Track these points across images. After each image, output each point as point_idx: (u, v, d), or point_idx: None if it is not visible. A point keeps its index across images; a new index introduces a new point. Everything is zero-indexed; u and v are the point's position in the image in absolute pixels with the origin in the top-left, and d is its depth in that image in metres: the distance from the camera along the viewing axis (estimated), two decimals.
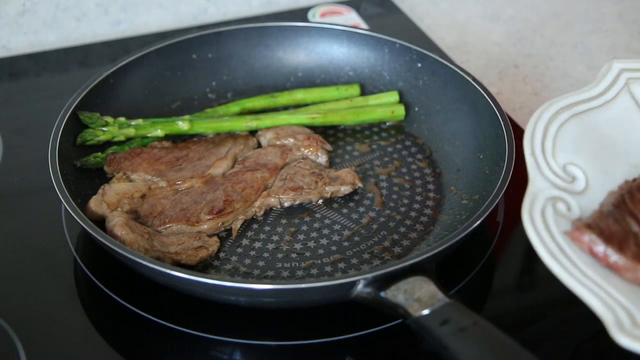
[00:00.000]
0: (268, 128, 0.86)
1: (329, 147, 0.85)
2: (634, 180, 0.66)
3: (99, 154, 0.81)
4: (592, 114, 0.69)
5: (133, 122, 0.84)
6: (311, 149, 0.83)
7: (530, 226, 0.60)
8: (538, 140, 0.66)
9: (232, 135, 0.86)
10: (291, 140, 0.85)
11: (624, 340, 0.54)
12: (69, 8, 1.06)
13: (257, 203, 0.78)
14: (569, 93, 0.70)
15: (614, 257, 0.60)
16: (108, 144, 0.83)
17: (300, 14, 1.11)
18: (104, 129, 0.82)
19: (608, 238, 0.60)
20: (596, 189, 0.65)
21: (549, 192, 0.63)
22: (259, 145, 0.86)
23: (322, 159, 0.84)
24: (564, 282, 0.58)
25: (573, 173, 0.65)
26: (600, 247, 0.60)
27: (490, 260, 0.76)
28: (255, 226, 0.78)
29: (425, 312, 0.61)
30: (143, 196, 0.78)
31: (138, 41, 1.06)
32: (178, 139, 0.86)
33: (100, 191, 0.77)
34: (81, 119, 0.82)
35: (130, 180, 0.80)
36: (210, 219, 0.75)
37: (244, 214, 0.78)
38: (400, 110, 0.89)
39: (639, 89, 0.71)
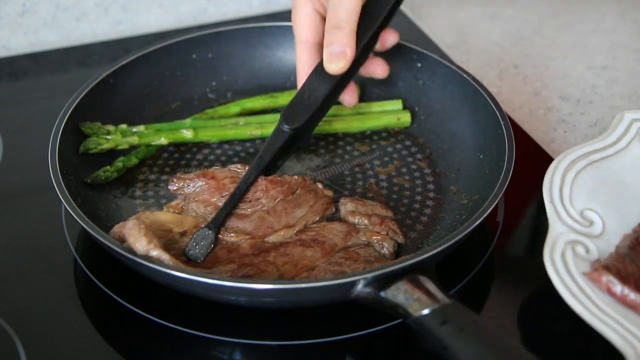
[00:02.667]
0: (351, 198, 0.79)
1: (400, 238, 0.75)
2: None
3: (108, 167, 0.80)
4: (606, 162, 0.74)
5: (134, 129, 0.84)
6: (379, 237, 0.74)
7: (552, 268, 0.64)
8: (556, 188, 0.70)
9: (314, 192, 0.78)
10: (365, 221, 0.76)
11: None
12: (69, 8, 1.06)
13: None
14: (584, 143, 0.75)
15: (632, 296, 0.63)
16: (112, 152, 0.83)
17: None
18: (107, 137, 0.82)
19: (625, 278, 0.64)
20: (613, 232, 0.69)
21: (568, 236, 0.67)
22: (335, 213, 0.78)
23: (387, 250, 0.74)
24: (585, 319, 0.62)
25: (590, 218, 0.69)
26: (618, 287, 0.64)
27: (490, 260, 0.76)
28: None
29: (425, 312, 0.61)
30: (184, 233, 0.72)
31: (138, 41, 1.06)
32: (183, 146, 0.86)
33: (135, 221, 0.68)
34: (83, 130, 0.82)
35: (182, 211, 0.75)
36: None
37: None
38: (406, 117, 0.89)
39: None
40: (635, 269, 0.65)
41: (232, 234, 0.73)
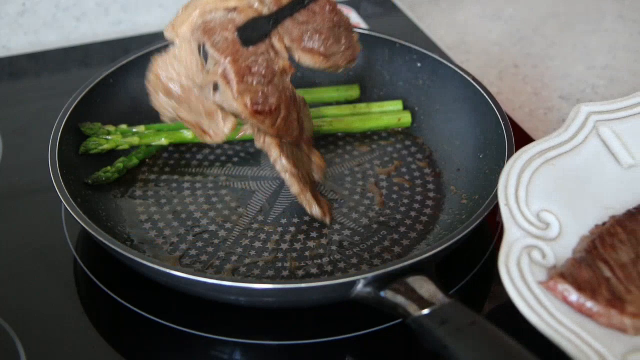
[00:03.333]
0: None
1: None
2: (604, 224, 0.68)
3: (109, 168, 0.80)
4: (563, 159, 0.70)
5: (135, 129, 0.84)
6: None
7: (507, 277, 0.62)
8: (512, 189, 0.67)
9: (352, 41, 0.77)
10: None
11: None
12: (69, 8, 1.06)
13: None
14: (539, 140, 0.71)
15: (588, 304, 0.61)
16: (112, 153, 0.83)
17: None
18: (107, 137, 0.82)
19: (581, 286, 0.62)
20: (570, 234, 0.67)
21: (524, 241, 0.64)
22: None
23: None
24: (541, 331, 0.60)
25: (547, 220, 0.66)
26: (574, 296, 0.62)
27: (490, 260, 0.76)
28: (255, 226, 0.78)
29: (425, 311, 0.61)
30: (234, 9, 0.71)
31: (138, 41, 1.06)
32: (182, 146, 0.86)
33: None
34: (83, 130, 0.82)
35: None
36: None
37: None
38: (406, 118, 0.89)
39: (607, 131, 0.73)
40: (591, 275, 0.63)
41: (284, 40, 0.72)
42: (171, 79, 0.72)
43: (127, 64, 0.88)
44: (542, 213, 0.66)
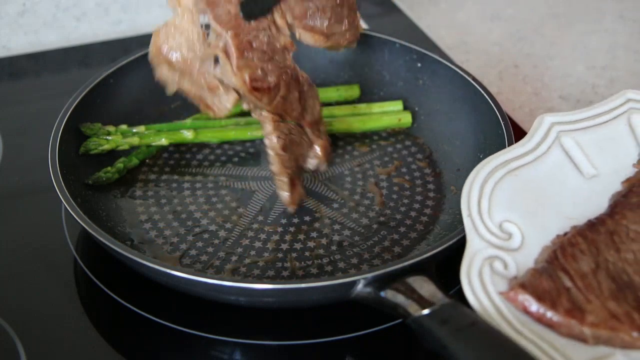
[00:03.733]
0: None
1: None
2: (565, 234, 0.68)
3: (109, 168, 0.80)
4: (525, 170, 0.70)
5: (135, 129, 0.84)
6: None
7: (468, 288, 0.62)
8: (474, 200, 0.67)
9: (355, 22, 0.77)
10: None
11: None
12: (69, 8, 1.06)
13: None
14: (502, 150, 0.71)
15: (548, 314, 0.61)
16: (112, 153, 0.83)
17: None
18: (107, 137, 0.82)
19: (541, 296, 0.62)
20: (532, 245, 0.67)
21: (486, 252, 0.65)
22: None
23: None
24: None
25: (509, 230, 0.67)
26: (534, 306, 0.62)
27: None
28: (255, 226, 0.78)
29: (425, 311, 0.61)
30: None
31: (138, 41, 1.06)
32: (183, 146, 0.86)
33: None
34: (83, 130, 0.82)
35: None
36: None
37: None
38: (407, 118, 0.89)
39: (570, 141, 0.73)
40: (552, 285, 0.63)
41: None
42: (172, 48, 0.71)
43: (127, 64, 0.88)
44: (505, 223, 0.67)
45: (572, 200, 0.70)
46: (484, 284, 0.62)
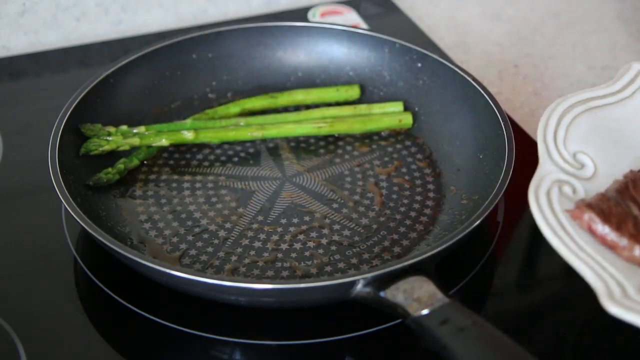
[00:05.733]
0: None
1: None
2: (639, 171, 0.69)
3: (109, 169, 0.80)
4: (606, 110, 0.72)
5: (135, 130, 0.84)
6: None
7: (535, 203, 0.63)
8: (551, 129, 0.69)
9: None
10: None
11: (613, 308, 0.57)
12: (69, 8, 1.06)
13: None
14: (585, 89, 0.73)
15: (612, 235, 0.62)
16: (112, 153, 0.82)
17: (300, 14, 1.11)
18: (108, 138, 0.82)
19: (607, 217, 0.63)
20: (603, 177, 0.68)
21: (556, 175, 0.66)
22: None
23: None
24: (562, 254, 0.60)
25: (582, 161, 0.68)
26: (599, 226, 0.62)
27: (490, 260, 0.76)
28: (255, 226, 0.78)
29: (425, 311, 0.61)
30: None
31: (138, 41, 1.06)
32: (182, 146, 0.86)
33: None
34: (83, 131, 0.82)
35: None
36: None
37: None
38: (407, 119, 0.89)
39: None
40: (619, 210, 0.63)
41: None
42: None
43: (127, 64, 0.88)
44: (579, 154, 0.68)
45: None
46: (551, 202, 0.63)
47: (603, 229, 0.62)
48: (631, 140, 0.71)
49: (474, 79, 0.85)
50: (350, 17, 1.11)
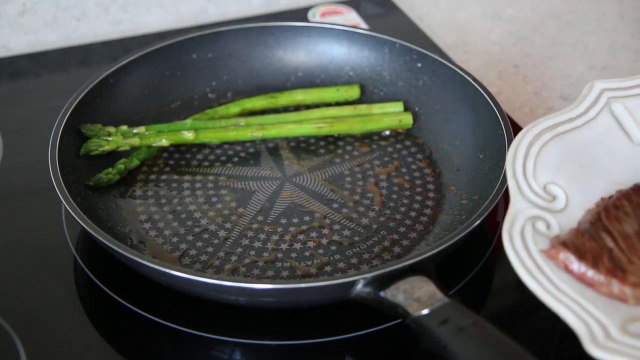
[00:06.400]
0: None
1: None
2: (610, 197, 0.67)
3: (110, 169, 0.80)
4: (573, 134, 0.70)
5: (135, 130, 0.84)
6: None
7: (509, 245, 0.61)
8: (519, 162, 0.67)
9: None
10: None
11: (596, 352, 0.56)
12: (69, 8, 1.06)
13: None
14: (550, 114, 0.71)
15: (589, 273, 0.61)
16: (112, 153, 0.82)
17: (300, 14, 1.11)
18: (108, 138, 0.82)
19: (582, 255, 0.61)
20: (576, 207, 0.66)
21: (529, 211, 0.64)
22: None
23: None
24: (540, 298, 0.59)
25: (553, 192, 0.66)
26: (575, 264, 0.61)
27: (490, 260, 0.76)
28: (255, 226, 0.78)
29: (425, 311, 0.61)
30: None
31: (138, 41, 1.06)
32: (183, 146, 0.86)
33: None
34: (83, 132, 0.82)
35: None
36: None
37: None
38: (408, 119, 0.88)
39: (619, 107, 0.73)
40: (594, 245, 0.62)
41: None
42: None
43: (127, 64, 0.88)
44: (549, 185, 0.66)
45: (619, 166, 0.70)
46: (525, 242, 0.62)
47: (579, 267, 0.61)
48: (600, 164, 0.70)
49: (474, 79, 0.85)
50: (350, 17, 1.11)
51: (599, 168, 0.69)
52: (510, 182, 0.66)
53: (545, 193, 0.66)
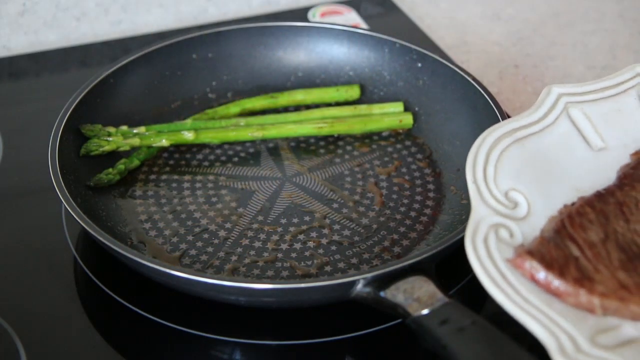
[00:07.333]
0: None
1: None
2: (573, 204, 0.67)
3: (110, 170, 0.80)
4: (532, 139, 0.69)
5: (135, 130, 0.84)
6: None
7: (473, 254, 0.60)
8: (480, 167, 0.66)
9: None
10: None
11: None
12: (69, 8, 1.07)
13: None
14: (508, 119, 0.70)
15: (555, 282, 0.60)
16: (112, 153, 0.82)
17: (300, 14, 1.11)
18: (108, 138, 0.82)
19: (549, 264, 0.60)
20: (538, 214, 0.65)
21: (491, 219, 0.63)
22: None
23: None
24: (506, 309, 0.58)
25: (515, 199, 0.65)
26: (542, 274, 0.60)
27: None
28: (255, 226, 0.78)
29: (425, 311, 0.61)
30: None
31: (138, 41, 1.06)
32: (183, 146, 0.86)
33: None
34: (83, 132, 0.82)
35: None
36: None
37: None
38: (408, 119, 0.88)
39: (578, 112, 0.72)
40: (559, 253, 0.61)
41: None
42: None
43: (127, 64, 0.88)
44: (511, 192, 0.65)
45: (579, 172, 0.69)
46: (489, 250, 0.61)
47: (546, 277, 0.60)
48: (560, 170, 0.69)
49: (474, 79, 0.85)
50: (350, 17, 1.11)
51: (560, 174, 0.69)
52: (471, 187, 0.65)
53: (507, 200, 0.65)
